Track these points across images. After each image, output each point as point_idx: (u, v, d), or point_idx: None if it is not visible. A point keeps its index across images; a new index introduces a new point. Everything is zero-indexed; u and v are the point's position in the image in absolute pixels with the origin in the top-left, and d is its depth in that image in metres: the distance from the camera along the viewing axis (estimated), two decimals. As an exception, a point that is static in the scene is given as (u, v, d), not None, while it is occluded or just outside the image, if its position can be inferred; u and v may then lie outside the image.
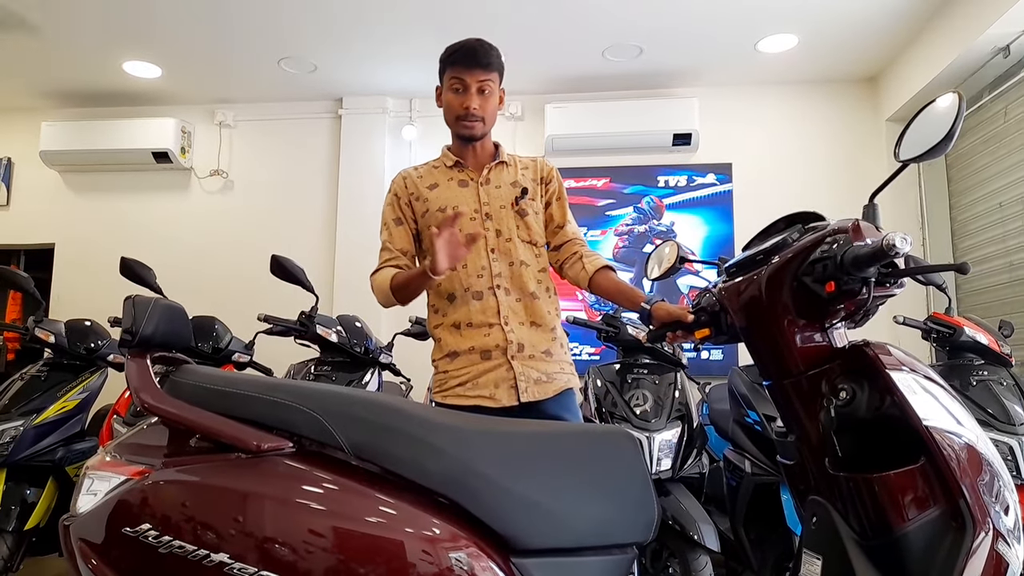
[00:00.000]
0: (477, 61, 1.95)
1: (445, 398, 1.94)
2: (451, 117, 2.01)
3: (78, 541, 1.11)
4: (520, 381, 1.91)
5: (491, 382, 1.91)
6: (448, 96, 1.99)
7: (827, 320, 1.29)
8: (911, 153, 1.27)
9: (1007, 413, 2.59)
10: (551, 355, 1.99)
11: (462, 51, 1.96)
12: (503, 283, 1.97)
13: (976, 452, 1.19)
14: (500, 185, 2.04)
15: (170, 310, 1.29)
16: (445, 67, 2.00)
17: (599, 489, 1.25)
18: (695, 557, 2.54)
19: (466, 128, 1.99)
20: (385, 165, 5.21)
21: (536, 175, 2.10)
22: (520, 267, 2.00)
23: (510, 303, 1.97)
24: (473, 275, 1.96)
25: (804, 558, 1.27)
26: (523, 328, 1.97)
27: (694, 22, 4.21)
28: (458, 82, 1.96)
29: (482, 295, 1.96)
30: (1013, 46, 3.70)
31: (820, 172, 4.92)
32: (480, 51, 1.95)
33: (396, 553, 1.09)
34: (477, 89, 1.96)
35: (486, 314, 1.95)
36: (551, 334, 2.02)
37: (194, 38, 4.45)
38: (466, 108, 1.96)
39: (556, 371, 1.98)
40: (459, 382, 1.93)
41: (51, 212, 5.51)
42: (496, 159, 2.08)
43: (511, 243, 2.00)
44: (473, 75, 1.95)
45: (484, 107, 1.98)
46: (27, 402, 3.21)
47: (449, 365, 1.96)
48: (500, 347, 1.93)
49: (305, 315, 3.27)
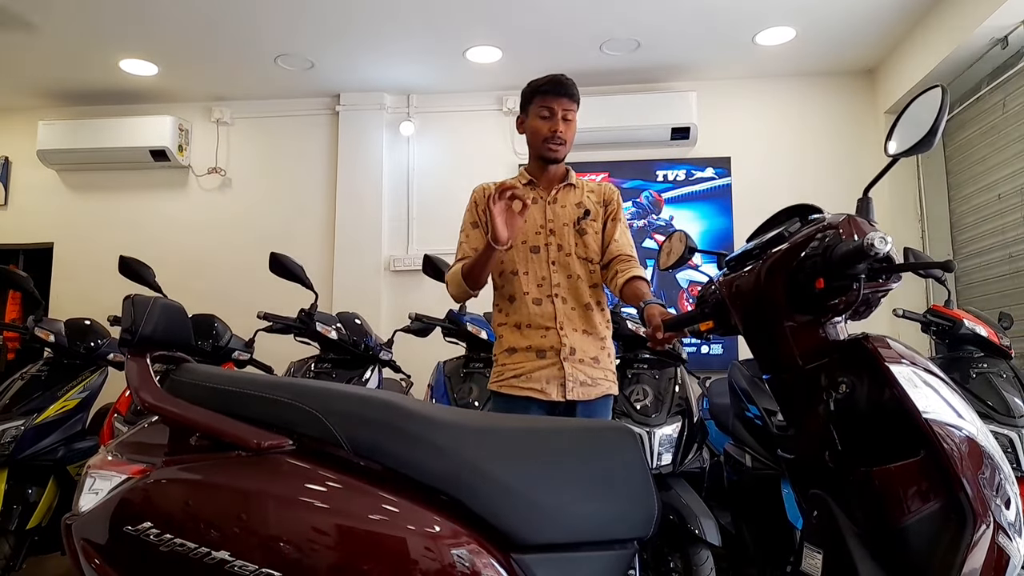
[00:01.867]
0: (565, 92, 2.18)
1: (501, 387, 2.17)
2: (538, 140, 2.22)
3: (80, 540, 1.11)
4: (568, 381, 2.12)
5: (543, 378, 2.13)
6: (536, 122, 2.21)
7: (825, 314, 1.29)
8: (900, 148, 1.28)
9: (1007, 405, 2.60)
10: (598, 362, 2.19)
11: (551, 83, 2.20)
12: (561, 292, 2.19)
13: (976, 445, 1.19)
14: (566, 205, 2.25)
15: (170, 309, 1.29)
16: (533, 96, 2.22)
17: (599, 485, 1.25)
18: (696, 552, 2.54)
19: (551, 150, 2.20)
20: (383, 161, 5.21)
21: (600, 198, 2.29)
22: (576, 280, 2.20)
23: (566, 311, 2.18)
24: (533, 283, 2.19)
25: (805, 552, 1.28)
26: (576, 334, 2.17)
27: (692, 16, 4.20)
28: (547, 109, 2.19)
29: (541, 301, 2.18)
30: (1011, 37, 3.69)
31: (819, 165, 4.92)
32: (567, 83, 2.19)
33: (397, 550, 1.09)
34: (562, 117, 2.18)
35: (544, 318, 2.17)
36: (601, 343, 2.22)
37: (191, 36, 4.44)
38: (553, 131, 2.18)
39: (600, 377, 2.18)
40: (515, 374, 2.15)
41: (49, 211, 5.51)
42: (565, 181, 2.28)
43: (570, 258, 2.21)
44: (560, 103, 2.18)
45: (567, 132, 2.20)
46: (28, 402, 3.22)
47: (508, 359, 2.19)
48: (554, 348, 2.14)
49: (305, 312, 3.26)
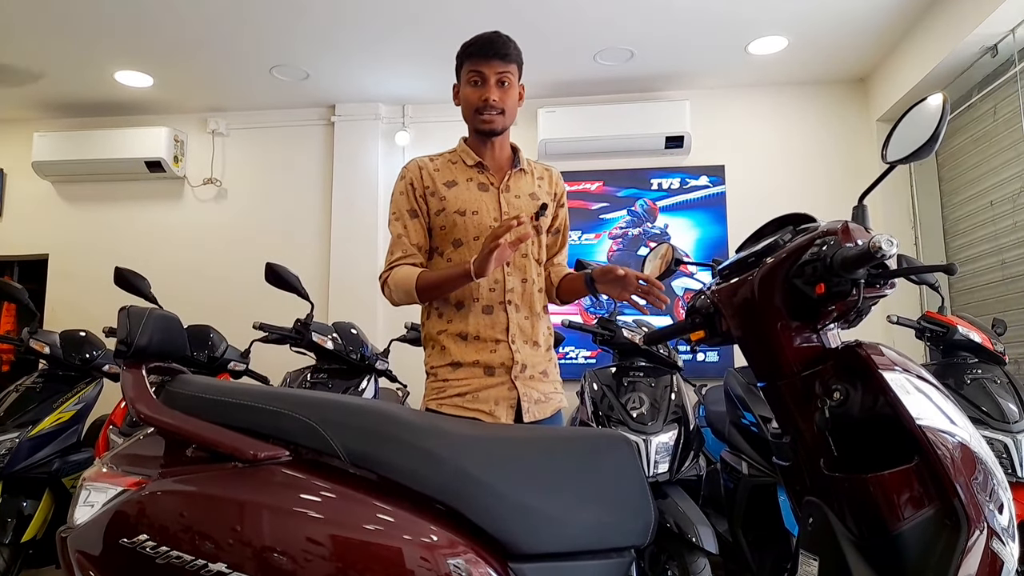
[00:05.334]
0: (495, 52, 1.89)
1: (441, 406, 1.87)
2: (469, 111, 1.94)
3: (75, 553, 1.11)
4: (524, 401, 1.88)
5: (491, 398, 1.86)
6: (466, 90, 1.93)
7: (820, 321, 1.30)
8: (898, 155, 1.28)
9: (1001, 411, 2.60)
10: (547, 376, 1.97)
11: (479, 43, 1.90)
12: (515, 299, 1.93)
13: (970, 451, 1.19)
14: (520, 195, 1.98)
15: (165, 320, 1.29)
16: (462, 61, 1.94)
17: (596, 493, 1.25)
18: (693, 560, 2.54)
19: (485, 122, 1.92)
20: (378, 171, 5.22)
21: (551, 189, 2.06)
22: (531, 285, 1.96)
23: (519, 320, 1.93)
24: (486, 288, 1.90)
25: (801, 559, 1.28)
26: (527, 347, 1.93)
27: (684, 25, 4.22)
28: (476, 75, 1.90)
29: (492, 309, 1.90)
30: (1001, 45, 3.72)
31: (812, 173, 4.94)
32: (498, 42, 1.90)
33: (394, 560, 1.09)
34: (496, 81, 1.90)
35: (495, 329, 1.90)
36: (548, 354, 2.00)
37: (186, 47, 4.45)
38: (484, 100, 1.89)
39: (551, 391, 1.97)
40: (459, 392, 1.87)
41: (44, 223, 5.50)
42: (516, 165, 2.01)
43: (526, 259, 1.96)
44: (491, 67, 1.89)
45: (504, 99, 1.91)
46: (22, 414, 3.21)
47: (451, 374, 1.89)
48: (505, 365, 1.88)
49: (301, 323, 3.27)
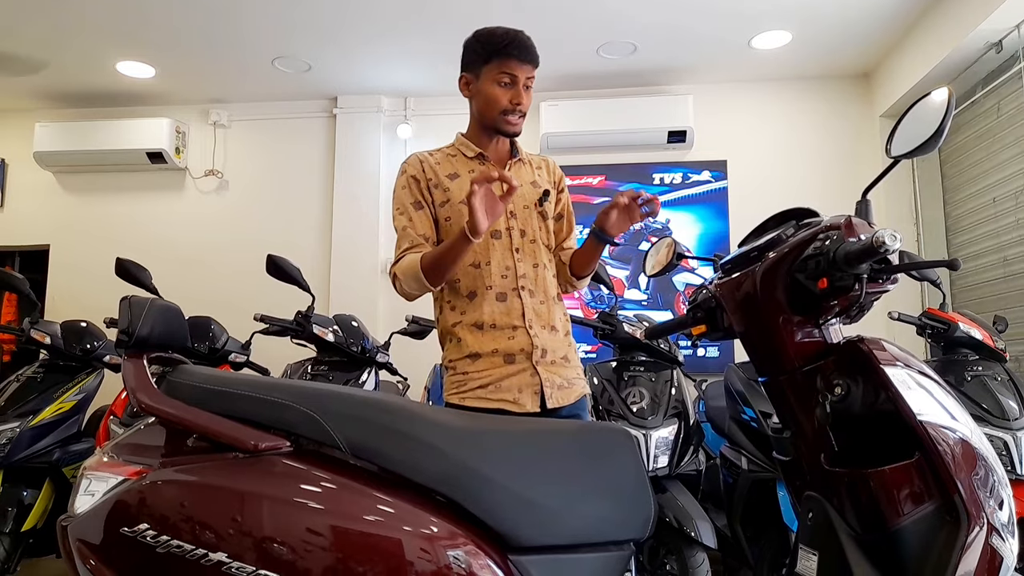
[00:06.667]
0: (530, 57, 1.85)
1: (464, 399, 1.82)
2: (494, 111, 1.87)
3: (76, 542, 1.11)
4: (546, 387, 1.84)
5: (515, 386, 1.82)
6: (494, 89, 1.85)
7: (821, 316, 1.29)
8: (903, 149, 1.27)
9: (1002, 408, 2.60)
10: (568, 361, 1.94)
11: (514, 43, 1.83)
12: (528, 284, 1.89)
13: (970, 447, 1.19)
14: (521, 184, 1.91)
15: (166, 310, 1.29)
16: (491, 57, 1.85)
17: (596, 486, 1.25)
18: (692, 554, 2.55)
19: (511, 124, 1.88)
20: (380, 163, 5.21)
21: (550, 178, 2.03)
22: (543, 269, 1.93)
23: (534, 305, 1.89)
24: (497, 275, 1.87)
25: (800, 554, 1.28)
26: (545, 332, 1.89)
27: (688, 19, 4.21)
28: (508, 76, 1.84)
29: (506, 296, 1.86)
30: (1005, 41, 3.71)
31: (815, 168, 4.93)
32: (531, 46, 1.86)
33: (394, 551, 1.09)
34: (524, 85, 1.86)
35: (510, 316, 1.86)
36: (567, 339, 1.97)
37: (188, 38, 4.44)
38: (516, 104, 1.85)
39: (574, 376, 1.93)
40: (480, 384, 1.82)
41: (46, 213, 5.50)
42: (515, 156, 1.99)
43: (535, 244, 1.93)
44: (524, 70, 1.84)
45: (528, 104, 1.89)
46: (23, 403, 3.21)
47: (470, 367, 1.84)
48: (525, 351, 1.84)
49: (301, 315, 3.26)
